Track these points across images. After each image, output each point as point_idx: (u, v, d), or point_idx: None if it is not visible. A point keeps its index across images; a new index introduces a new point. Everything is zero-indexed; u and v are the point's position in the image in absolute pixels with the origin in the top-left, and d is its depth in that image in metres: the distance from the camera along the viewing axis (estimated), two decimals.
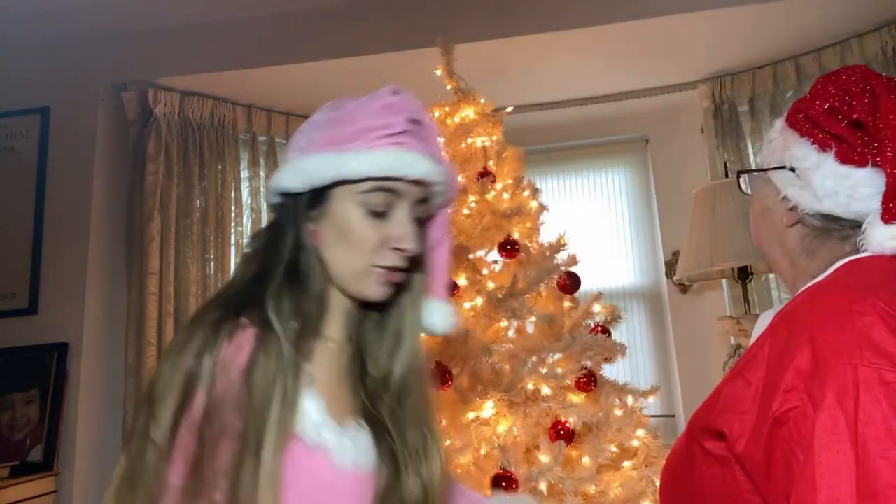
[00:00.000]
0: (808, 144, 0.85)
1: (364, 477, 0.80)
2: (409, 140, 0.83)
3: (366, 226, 0.82)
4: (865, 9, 2.67)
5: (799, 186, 0.86)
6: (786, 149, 0.88)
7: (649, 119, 3.42)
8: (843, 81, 0.85)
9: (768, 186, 0.93)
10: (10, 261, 2.75)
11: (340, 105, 0.89)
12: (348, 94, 0.94)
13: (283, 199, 0.85)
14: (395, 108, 0.84)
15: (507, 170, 2.06)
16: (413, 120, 0.84)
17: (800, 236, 0.88)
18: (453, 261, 1.86)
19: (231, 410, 0.72)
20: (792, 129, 0.89)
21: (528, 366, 1.64)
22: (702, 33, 2.78)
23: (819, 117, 0.85)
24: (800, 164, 0.85)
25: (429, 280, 0.93)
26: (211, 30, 2.91)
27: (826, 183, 0.82)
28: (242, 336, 0.75)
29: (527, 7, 2.73)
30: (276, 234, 0.85)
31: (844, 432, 0.62)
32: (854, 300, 0.71)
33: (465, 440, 1.60)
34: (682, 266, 2.75)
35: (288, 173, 0.84)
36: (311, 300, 0.82)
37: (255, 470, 0.70)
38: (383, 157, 0.80)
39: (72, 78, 2.88)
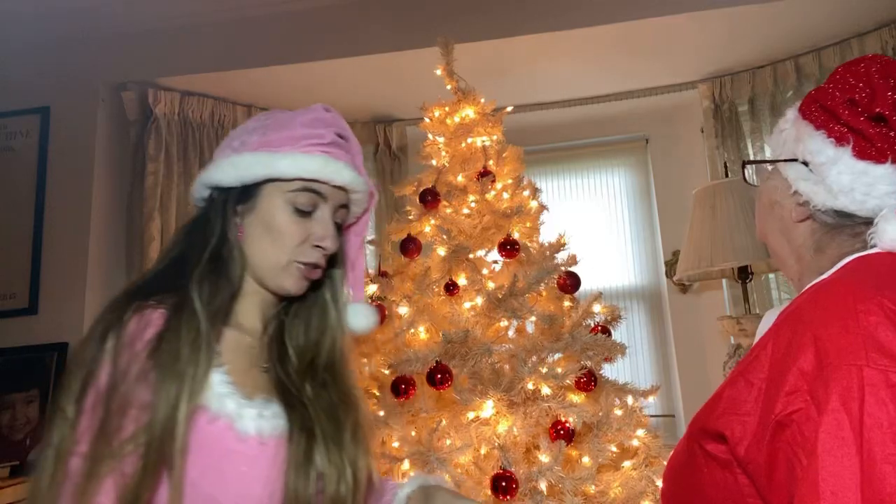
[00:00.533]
0: (824, 138, 0.81)
1: (269, 444, 0.84)
2: (335, 151, 0.94)
3: (291, 222, 0.90)
4: (865, 9, 2.67)
5: (812, 181, 0.82)
6: (799, 141, 0.85)
7: (649, 119, 3.42)
8: (863, 72, 0.81)
9: (776, 179, 0.89)
10: (10, 261, 2.75)
11: (273, 115, 0.97)
12: (349, 94, 0.99)
13: (212, 192, 0.93)
14: (325, 122, 0.95)
15: (507, 170, 2.06)
16: (340, 135, 0.96)
17: (809, 232, 0.85)
18: (453, 260, 1.86)
19: (135, 382, 0.77)
20: (806, 121, 0.85)
21: (528, 366, 1.64)
22: (702, 33, 2.78)
23: (838, 109, 0.81)
24: (814, 158, 0.81)
25: (349, 278, 1.03)
26: (211, 30, 2.91)
27: (842, 179, 0.79)
28: (153, 315, 0.82)
29: (527, 7, 2.73)
30: (201, 226, 0.92)
31: (849, 436, 0.60)
32: (859, 299, 0.68)
33: (465, 440, 1.60)
34: (682, 266, 2.75)
35: (221, 168, 0.91)
36: (226, 289, 0.88)
37: (164, 438, 0.75)
38: (313, 162, 0.90)
39: (72, 78, 2.88)
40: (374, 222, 3.44)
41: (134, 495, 0.74)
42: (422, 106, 2.20)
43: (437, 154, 2.14)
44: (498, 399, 1.62)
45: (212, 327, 0.83)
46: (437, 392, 1.67)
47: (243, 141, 0.93)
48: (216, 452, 0.80)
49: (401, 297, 1.85)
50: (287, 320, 0.98)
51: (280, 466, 0.83)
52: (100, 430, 0.75)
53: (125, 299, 0.84)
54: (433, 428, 1.59)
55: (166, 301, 0.83)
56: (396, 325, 1.81)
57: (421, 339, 1.82)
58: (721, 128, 3.05)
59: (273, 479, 0.82)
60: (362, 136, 3.46)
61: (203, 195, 0.94)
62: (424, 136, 2.20)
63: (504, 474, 1.49)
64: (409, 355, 1.65)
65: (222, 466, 0.80)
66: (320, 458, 0.86)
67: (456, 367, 1.66)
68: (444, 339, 1.66)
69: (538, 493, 1.49)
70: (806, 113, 0.86)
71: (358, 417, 0.94)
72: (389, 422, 1.63)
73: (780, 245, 0.90)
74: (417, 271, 1.91)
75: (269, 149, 0.90)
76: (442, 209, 1.99)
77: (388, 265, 1.98)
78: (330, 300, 1.00)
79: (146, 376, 0.77)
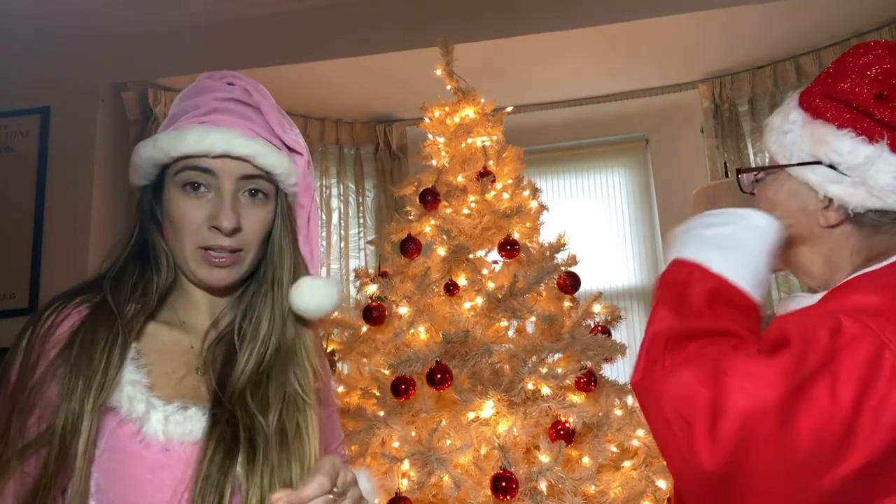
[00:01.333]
0: (853, 137, 0.74)
1: (176, 451, 0.77)
2: (219, 118, 0.84)
3: (183, 206, 0.82)
4: (865, 9, 2.67)
5: (847, 184, 0.75)
6: (817, 142, 0.77)
7: (649, 119, 3.42)
8: (879, 66, 0.76)
9: (789, 184, 0.82)
10: (10, 261, 2.75)
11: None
12: (349, 94, 0.95)
13: (138, 195, 0.89)
14: (204, 89, 0.87)
15: (507, 170, 2.06)
16: (228, 99, 0.86)
17: (845, 236, 0.78)
18: (453, 261, 1.86)
19: (43, 380, 0.74)
20: (822, 120, 0.78)
21: (528, 366, 1.64)
22: (702, 33, 2.78)
23: (866, 105, 0.74)
24: (846, 159, 0.74)
25: (302, 253, 0.94)
26: (211, 30, 2.91)
27: (884, 177, 0.73)
28: (70, 312, 0.79)
29: (527, 7, 2.73)
30: (129, 229, 0.88)
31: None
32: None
33: (465, 440, 1.60)
34: None
35: (130, 170, 0.87)
36: (154, 287, 0.84)
37: (68, 437, 0.72)
38: (185, 136, 0.82)
39: (72, 78, 2.88)
40: (374, 222, 3.44)
41: (34, 497, 0.71)
42: (422, 106, 2.20)
43: (437, 154, 2.14)
44: (498, 399, 1.62)
45: (130, 325, 0.79)
46: (437, 392, 1.67)
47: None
48: (120, 456, 0.75)
49: (401, 297, 1.85)
50: (237, 318, 0.89)
51: (192, 477, 0.76)
52: (3, 429, 0.73)
53: (53, 300, 0.82)
54: (433, 428, 1.59)
55: (90, 300, 0.81)
56: (396, 325, 1.81)
57: (421, 339, 1.82)
58: (721, 128, 3.05)
59: (180, 491, 0.75)
60: (362, 136, 3.46)
61: (137, 198, 0.90)
62: (424, 136, 2.20)
63: (504, 474, 1.49)
64: (409, 355, 1.65)
65: (125, 471, 0.75)
66: (243, 472, 0.77)
67: (456, 367, 1.66)
68: (444, 339, 1.66)
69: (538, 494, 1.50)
70: (818, 111, 0.79)
71: (303, 426, 0.83)
72: (389, 422, 1.63)
73: (803, 254, 0.83)
74: (417, 271, 1.91)
75: (153, 137, 0.85)
76: (442, 209, 1.99)
77: (388, 265, 1.98)
78: (267, 289, 0.88)
79: (55, 373, 0.74)
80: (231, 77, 0.89)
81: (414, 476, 1.55)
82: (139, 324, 0.81)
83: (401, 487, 1.53)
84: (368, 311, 1.81)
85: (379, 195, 3.43)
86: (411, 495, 1.52)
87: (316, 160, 3.40)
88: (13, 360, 0.77)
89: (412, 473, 1.56)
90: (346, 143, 3.44)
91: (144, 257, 0.85)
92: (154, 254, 0.85)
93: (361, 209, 3.44)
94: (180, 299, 0.88)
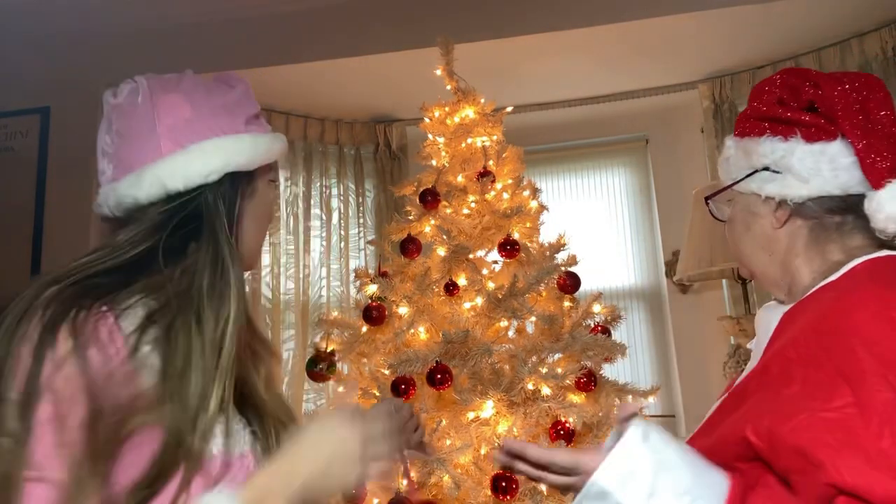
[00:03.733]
0: (771, 139, 0.85)
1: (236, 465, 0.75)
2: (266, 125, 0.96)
3: (272, 202, 0.97)
4: (865, 9, 2.67)
5: (780, 179, 0.85)
6: (749, 155, 0.89)
7: (649, 119, 3.42)
8: (778, 81, 0.88)
9: (742, 201, 0.92)
10: (10, 261, 2.75)
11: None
12: (348, 94, 0.97)
13: (210, 195, 0.89)
14: (238, 86, 0.99)
15: (507, 170, 2.06)
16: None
17: (793, 234, 0.86)
18: (453, 261, 1.86)
19: (119, 387, 0.69)
20: (747, 137, 0.90)
21: (528, 366, 1.64)
22: (702, 33, 2.78)
23: (773, 111, 0.86)
24: (771, 158, 0.85)
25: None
26: (211, 30, 2.91)
27: (805, 163, 0.82)
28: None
29: (527, 7, 2.73)
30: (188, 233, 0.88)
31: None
32: (893, 307, 0.69)
33: (465, 440, 1.60)
34: (682, 266, 2.75)
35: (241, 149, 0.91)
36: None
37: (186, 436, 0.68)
38: (277, 141, 0.94)
39: (72, 78, 2.88)
40: (374, 222, 3.44)
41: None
42: (422, 106, 2.20)
43: (437, 154, 2.14)
44: (498, 399, 1.62)
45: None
46: (437, 392, 1.67)
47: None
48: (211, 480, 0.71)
49: (401, 297, 1.85)
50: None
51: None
52: (87, 447, 0.63)
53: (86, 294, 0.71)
54: (433, 428, 1.59)
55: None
56: (396, 325, 1.81)
57: (421, 339, 1.82)
58: (721, 128, 3.06)
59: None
60: (362, 136, 3.46)
61: (180, 187, 0.80)
62: (424, 136, 2.20)
63: (504, 474, 1.49)
64: (409, 355, 1.65)
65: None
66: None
67: (456, 367, 1.66)
68: (444, 339, 1.66)
69: (538, 494, 1.50)
70: (743, 131, 0.92)
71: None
72: None
73: (764, 263, 0.90)
74: (417, 271, 1.91)
75: (266, 136, 0.91)
76: (442, 209, 1.99)
77: (388, 265, 1.98)
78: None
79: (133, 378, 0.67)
80: (230, 78, 0.95)
81: (414, 476, 1.55)
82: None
83: (401, 487, 1.53)
84: (368, 311, 1.81)
85: (379, 195, 3.43)
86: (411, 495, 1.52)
87: (316, 160, 3.40)
88: (53, 369, 0.70)
89: (412, 473, 1.56)
90: (346, 143, 3.44)
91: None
92: (222, 255, 0.79)
93: (361, 209, 3.44)
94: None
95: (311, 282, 3.29)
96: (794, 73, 0.88)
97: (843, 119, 0.81)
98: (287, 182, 3.31)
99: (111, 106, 0.86)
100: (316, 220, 3.36)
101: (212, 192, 0.81)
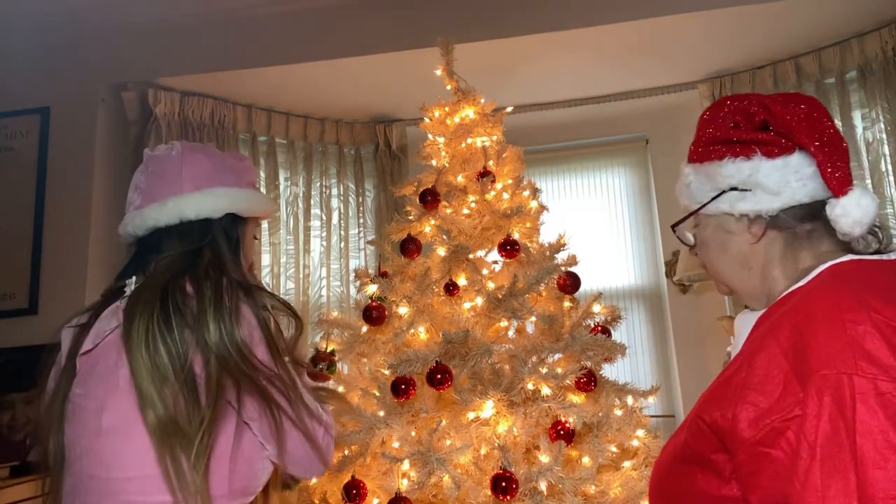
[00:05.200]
0: (733, 160, 0.89)
1: None
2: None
3: (253, 244, 1.26)
4: (865, 9, 2.67)
5: (749, 196, 0.88)
6: (712, 178, 0.92)
7: (649, 119, 3.42)
8: (727, 107, 0.93)
9: (711, 224, 0.95)
10: (10, 261, 2.75)
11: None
12: (348, 95, 0.99)
13: (227, 222, 1.20)
14: (237, 155, 1.26)
15: (507, 170, 2.06)
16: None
17: (769, 246, 0.89)
18: (453, 261, 1.86)
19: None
20: (706, 162, 0.93)
21: (528, 366, 1.64)
22: (702, 33, 2.78)
23: (729, 134, 0.90)
24: (737, 177, 0.89)
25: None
26: (211, 30, 2.91)
27: (773, 177, 0.86)
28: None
29: (526, 7, 2.73)
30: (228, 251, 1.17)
31: (845, 443, 0.63)
32: (846, 309, 0.72)
33: (465, 440, 1.60)
34: (681, 266, 2.75)
35: (238, 206, 1.18)
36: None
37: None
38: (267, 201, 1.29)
39: (72, 78, 2.88)
40: (374, 222, 3.44)
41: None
42: (422, 106, 2.19)
43: (437, 154, 2.14)
44: (498, 399, 1.62)
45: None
46: (437, 392, 1.67)
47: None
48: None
49: (401, 297, 1.85)
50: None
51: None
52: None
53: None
54: (433, 428, 1.59)
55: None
56: (396, 325, 1.81)
57: (421, 339, 1.82)
58: None
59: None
60: (362, 136, 3.46)
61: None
62: (424, 136, 2.20)
63: (504, 474, 1.48)
64: (409, 355, 1.65)
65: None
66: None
67: (456, 367, 1.66)
68: (444, 339, 1.66)
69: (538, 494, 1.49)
70: (702, 156, 0.94)
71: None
72: (389, 422, 1.63)
73: (744, 279, 0.93)
74: (417, 271, 1.91)
75: (262, 194, 1.23)
76: (442, 209, 1.99)
77: (388, 265, 1.98)
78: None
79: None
80: (240, 154, 1.25)
81: (414, 476, 1.55)
82: None
83: (401, 487, 1.53)
84: (368, 311, 1.81)
85: (379, 195, 3.43)
86: (411, 495, 1.52)
87: (316, 160, 3.40)
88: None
89: (412, 473, 1.56)
90: (346, 143, 3.44)
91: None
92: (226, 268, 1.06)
93: (361, 209, 3.44)
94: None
95: (311, 282, 3.29)
96: (739, 98, 0.93)
97: (800, 133, 0.85)
98: (287, 182, 3.31)
99: (149, 156, 1.13)
100: (316, 220, 3.36)
101: (216, 224, 1.09)
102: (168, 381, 0.89)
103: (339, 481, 1.63)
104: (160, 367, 0.89)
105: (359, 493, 1.59)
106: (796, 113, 0.86)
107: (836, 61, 2.88)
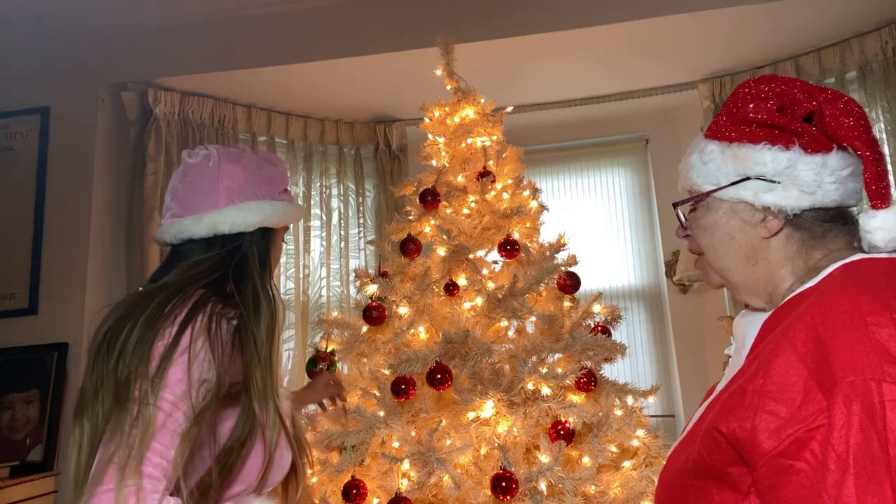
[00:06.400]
0: (770, 147, 0.82)
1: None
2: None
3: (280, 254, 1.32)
4: (865, 9, 2.67)
5: (778, 189, 0.82)
6: (741, 161, 0.84)
7: (649, 119, 3.42)
8: (771, 88, 0.85)
9: (724, 207, 0.88)
10: (10, 261, 2.75)
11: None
12: (348, 95, 0.98)
13: (258, 236, 1.22)
14: (273, 159, 1.26)
15: (507, 170, 2.06)
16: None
17: (784, 243, 0.84)
18: (453, 261, 1.86)
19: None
20: (739, 142, 0.85)
21: (528, 366, 1.64)
22: (702, 33, 2.78)
23: (773, 119, 0.83)
24: (770, 167, 0.82)
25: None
26: (211, 30, 2.91)
27: (809, 175, 0.80)
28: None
29: (526, 7, 2.73)
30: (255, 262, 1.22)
31: (878, 453, 0.60)
32: (868, 312, 0.67)
33: (465, 440, 1.60)
34: (681, 266, 2.75)
35: (272, 218, 1.20)
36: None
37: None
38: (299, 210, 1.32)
39: (72, 78, 2.88)
40: (374, 222, 3.44)
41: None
42: (422, 106, 2.19)
43: (437, 154, 2.14)
44: (498, 399, 1.62)
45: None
46: (437, 392, 1.67)
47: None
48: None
49: (401, 297, 1.85)
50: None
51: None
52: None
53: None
54: (433, 428, 1.59)
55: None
56: (396, 325, 1.81)
57: (421, 339, 1.82)
58: None
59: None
60: (362, 136, 3.46)
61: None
62: (424, 136, 2.20)
63: (504, 474, 1.48)
64: (409, 355, 1.65)
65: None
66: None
67: (456, 367, 1.66)
68: (444, 339, 1.66)
69: (538, 494, 1.49)
70: (734, 136, 0.86)
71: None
72: (389, 422, 1.63)
73: (745, 272, 0.87)
74: (417, 271, 1.91)
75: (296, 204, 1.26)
76: (442, 209, 1.99)
77: (388, 265, 1.98)
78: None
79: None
80: (274, 158, 1.23)
81: (414, 476, 1.55)
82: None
83: (401, 487, 1.53)
84: (368, 311, 1.81)
85: (379, 195, 3.43)
86: (411, 495, 1.52)
87: (316, 160, 3.40)
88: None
89: (412, 473, 1.56)
90: (346, 143, 3.44)
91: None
92: (257, 284, 1.10)
93: (361, 209, 3.44)
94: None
95: (311, 282, 3.30)
96: (785, 81, 0.86)
97: (854, 138, 0.79)
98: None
99: (188, 164, 1.15)
100: (316, 220, 3.36)
101: (249, 238, 1.13)
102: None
103: (339, 481, 1.63)
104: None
105: (359, 493, 1.59)
106: (850, 115, 0.80)
107: (836, 61, 2.88)
